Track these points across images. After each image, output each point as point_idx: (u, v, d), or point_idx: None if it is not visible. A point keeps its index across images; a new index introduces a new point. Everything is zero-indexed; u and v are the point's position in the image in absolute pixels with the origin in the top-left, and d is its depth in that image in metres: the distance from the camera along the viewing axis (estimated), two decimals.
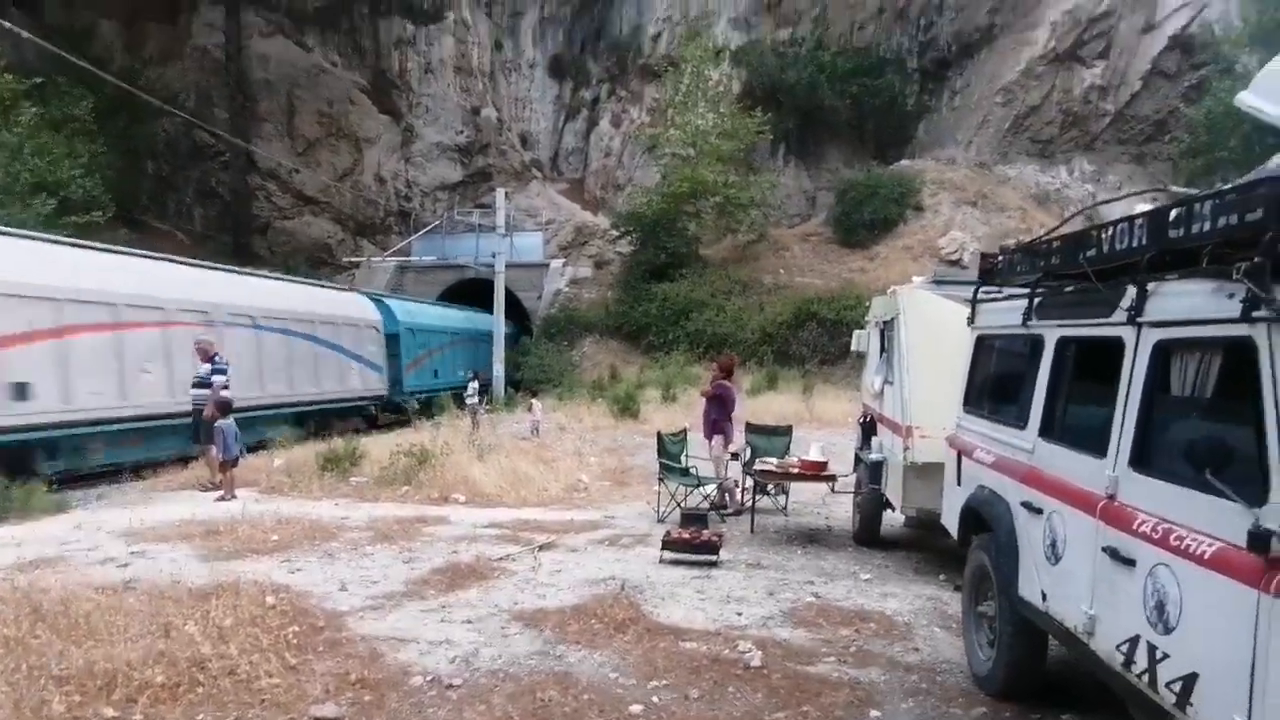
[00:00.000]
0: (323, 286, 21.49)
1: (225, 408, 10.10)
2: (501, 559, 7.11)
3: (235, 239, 32.65)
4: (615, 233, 32.15)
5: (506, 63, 36.93)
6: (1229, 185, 2.84)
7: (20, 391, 11.01)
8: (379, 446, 12.25)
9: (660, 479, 9.38)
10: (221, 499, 9.52)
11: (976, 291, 5.46)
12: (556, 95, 37.73)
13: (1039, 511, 3.96)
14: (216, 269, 16.76)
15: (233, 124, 31.64)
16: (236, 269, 18.08)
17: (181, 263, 15.80)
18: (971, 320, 5.51)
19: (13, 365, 10.94)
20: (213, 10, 33.31)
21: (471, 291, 30.71)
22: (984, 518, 4.67)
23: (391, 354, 21.32)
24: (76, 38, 28.93)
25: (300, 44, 35.06)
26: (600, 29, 37.91)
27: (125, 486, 12.15)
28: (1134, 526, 3.06)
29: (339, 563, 6.88)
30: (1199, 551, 2.67)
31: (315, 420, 16.08)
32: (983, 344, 5.39)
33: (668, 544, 7.31)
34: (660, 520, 8.91)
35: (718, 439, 9.74)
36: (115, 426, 12.43)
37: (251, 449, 12.91)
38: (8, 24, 12.03)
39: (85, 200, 18.80)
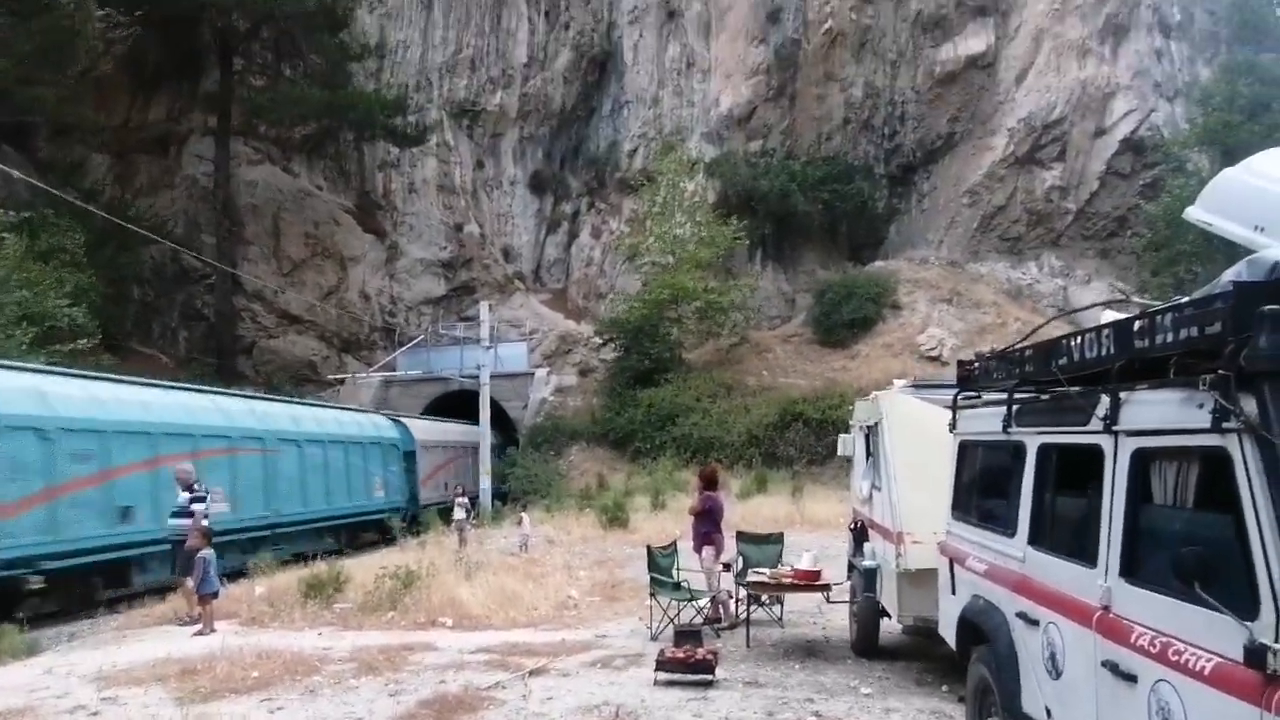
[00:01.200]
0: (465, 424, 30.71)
1: (208, 537, 9.88)
2: (490, 688, 6.86)
3: (219, 360, 32.69)
4: (598, 340, 32.48)
5: (488, 180, 38.11)
6: (1187, 299, 2.95)
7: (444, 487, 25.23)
8: (363, 570, 11.97)
9: (652, 594, 9.18)
10: (200, 633, 9.19)
11: (956, 398, 5.53)
12: (537, 209, 38.81)
13: (1035, 623, 3.91)
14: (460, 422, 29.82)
15: (219, 248, 32.19)
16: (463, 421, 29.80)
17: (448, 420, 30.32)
18: (953, 426, 5.56)
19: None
20: (202, 141, 34.41)
21: (457, 403, 30.70)
22: (981, 629, 4.59)
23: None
24: (67, 171, 29.77)
25: (287, 170, 36.13)
26: (578, 146, 39.39)
27: (101, 622, 11.74)
28: (1132, 640, 3.02)
29: (322, 699, 6.61)
30: (1198, 667, 2.62)
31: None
32: (966, 450, 5.43)
33: (662, 664, 7.09)
34: (653, 638, 8.67)
35: (708, 550, 9.60)
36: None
37: (232, 578, 12.59)
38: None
39: (71, 328, 18.88)
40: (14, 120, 25.94)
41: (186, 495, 10.75)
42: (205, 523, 10.28)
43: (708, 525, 9.72)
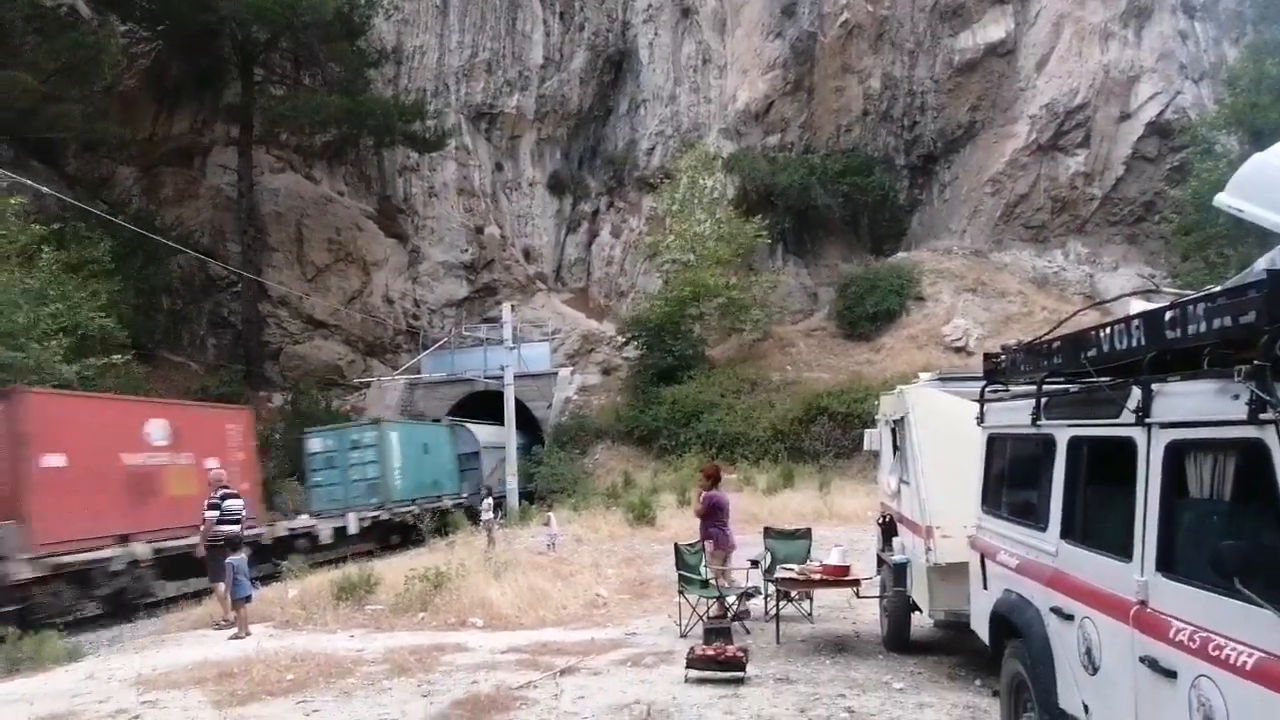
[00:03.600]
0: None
1: (235, 542, 10.01)
2: (522, 687, 6.91)
3: (247, 366, 33.11)
4: (621, 339, 32.50)
5: (507, 182, 38.25)
6: (1219, 288, 2.90)
7: None
8: (394, 571, 12.08)
9: (680, 591, 9.19)
10: (235, 637, 9.33)
11: (984, 391, 5.48)
12: (557, 210, 38.90)
13: (1070, 618, 3.87)
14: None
15: (244, 256, 32.59)
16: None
17: None
18: (981, 420, 5.51)
19: None
20: (225, 152, 34.85)
21: (482, 404, 30.86)
22: (1014, 624, 4.55)
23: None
24: (95, 185, 30.22)
25: (309, 177, 36.48)
26: (596, 146, 39.42)
27: (139, 626, 11.97)
28: (1170, 635, 2.98)
29: (356, 701, 6.69)
30: (1239, 663, 2.59)
31: None
32: (995, 443, 5.38)
33: (692, 662, 7.10)
34: (683, 635, 8.69)
35: (708, 544, 9.72)
36: None
37: (265, 581, 12.76)
38: (29, 181, 12.56)
39: (103, 337, 19.19)
40: (42, 136, 26.39)
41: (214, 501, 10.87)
42: (231, 528, 10.39)
43: (714, 523, 9.82)
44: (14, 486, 11.63)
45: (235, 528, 10.51)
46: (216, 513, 10.61)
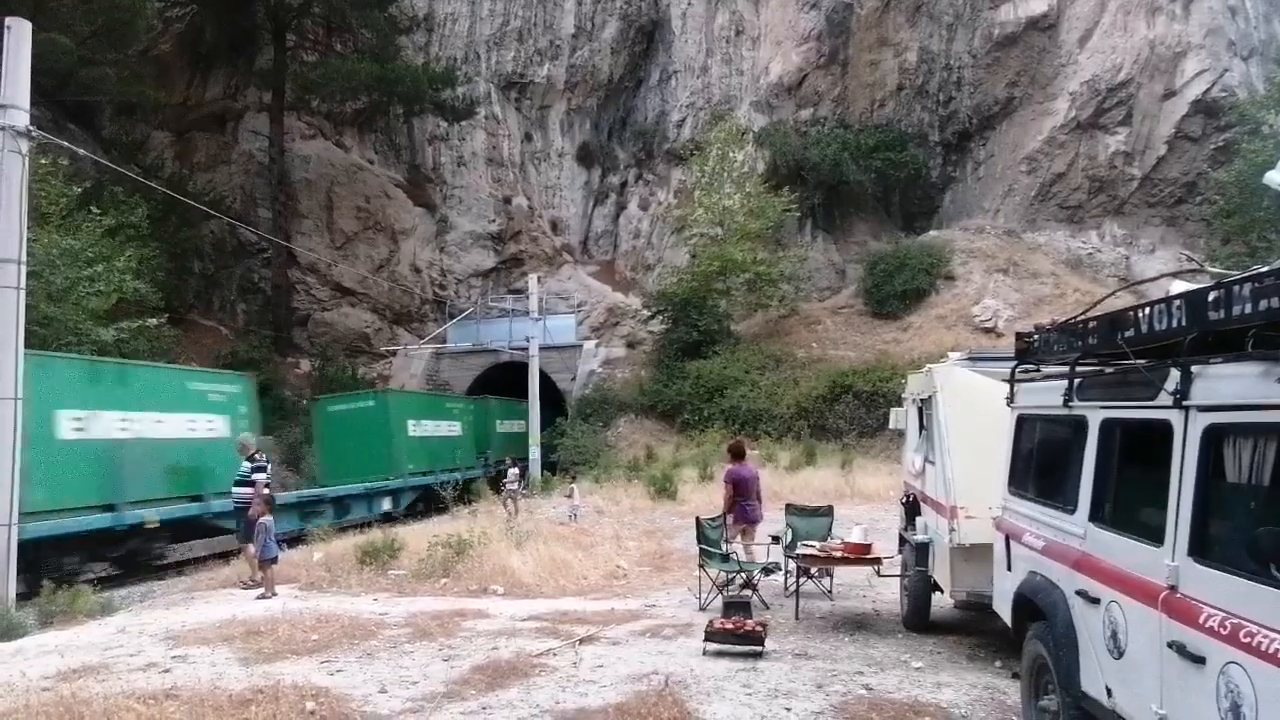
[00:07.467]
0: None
1: (269, 505, 10.19)
2: (541, 654, 6.97)
3: (276, 332, 33.50)
4: (646, 312, 32.46)
5: (536, 153, 38.13)
6: (1267, 268, 2.81)
7: None
8: (416, 537, 12.22)
9: (701, 565, 9.22)
10: (262, 597, 9.51)
11: (1014, 371, 5.40)
12: (585, 181, 38.75)
13: (1096, 601, 3.81)
14: None
15: (275, 222, 32.86)
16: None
17: None
18: (1011, 400, 5.43)
19: None
20: (257, 118, 35.03)
21: (506, 375, 31.02)
22: (1038, 606, 4.51)
23: None
24: (130, 148, 30.55)
25: (339, 144, 36.61)
26: (626, 117, 39.13)
27: (170, 583, 12.24)
28: (1200, 621, 2.93)
29: (378, 662, 6.79)
30: (1272, 650, 2.53)
31: None
32: (1024, 424, 5.30)
33: (711, 634, 7.12)
34: (702, 608, 8.72)
35: (730, 518, 9.72)
36: None
37: (291, 544, 12.98)
38: (66, 143, 12.72)
39: (137, 301, 19.46)
40: (78, 99, 26.67)
41: (248, 465, 11.05)
42: (266, 491, 10.58)
43: (739, 496, 9.83)
44: None
45: (268, 490, 10.71)
46: (264, 475, 10.86)
